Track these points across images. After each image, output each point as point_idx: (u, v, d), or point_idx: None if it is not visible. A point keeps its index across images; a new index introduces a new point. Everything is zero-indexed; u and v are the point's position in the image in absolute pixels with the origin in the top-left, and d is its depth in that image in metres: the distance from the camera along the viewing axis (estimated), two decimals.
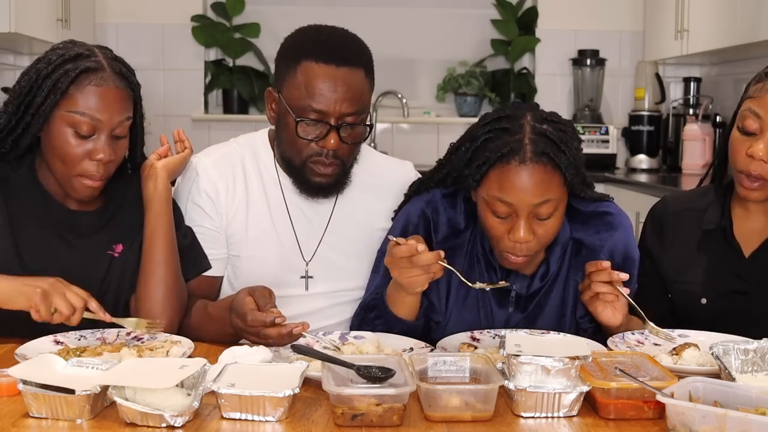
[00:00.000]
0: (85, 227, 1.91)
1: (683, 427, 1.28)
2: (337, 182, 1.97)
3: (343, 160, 1.94)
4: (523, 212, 1.73)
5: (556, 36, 5.17)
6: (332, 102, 1.87)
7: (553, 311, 1.92)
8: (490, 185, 1.75)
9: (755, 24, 3.74)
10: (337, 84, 1.87)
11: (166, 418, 1.33)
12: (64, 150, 1.80)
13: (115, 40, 5.12)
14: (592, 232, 1.91)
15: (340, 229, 2.04)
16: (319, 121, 1.88)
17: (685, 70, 5.15)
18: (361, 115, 1.91)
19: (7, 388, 1.46)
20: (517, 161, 1.71)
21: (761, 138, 1.81)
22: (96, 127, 1.79)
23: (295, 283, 2.03)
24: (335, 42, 1.93)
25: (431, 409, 1.38)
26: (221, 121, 5.19)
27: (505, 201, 1.73)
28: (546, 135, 1.74)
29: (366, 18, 5.12)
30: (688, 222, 1.98)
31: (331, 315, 2.04)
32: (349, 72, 1.88)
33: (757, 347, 1.54)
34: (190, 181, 2.02)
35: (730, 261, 1.92)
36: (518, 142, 1.72)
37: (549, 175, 1.72)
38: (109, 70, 1.82)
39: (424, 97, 5.36)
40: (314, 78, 1.88)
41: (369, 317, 1.89)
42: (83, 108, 1.78)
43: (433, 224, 1.92)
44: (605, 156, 4.95)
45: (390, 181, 2.10)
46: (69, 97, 1.78)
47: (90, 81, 1.79)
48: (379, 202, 2.07)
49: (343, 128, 1.89)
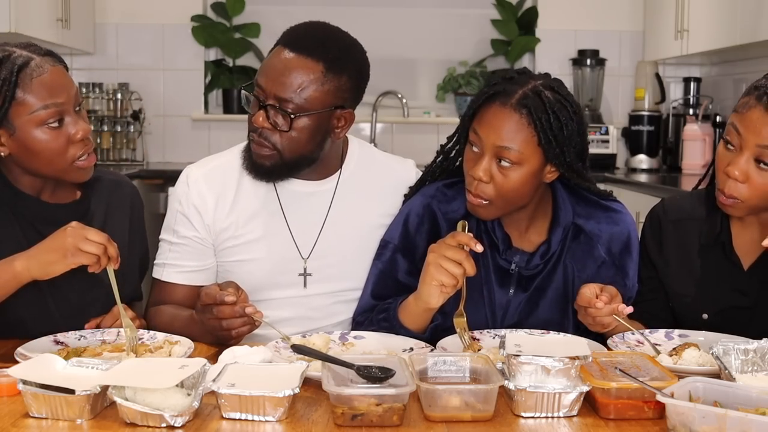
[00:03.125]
0: (62, 220, 1.85)
1: (683, 427, 1.28)
2: (273, 169, 1.93)
3: (277, 147, 1.90)
4: (487, 149, 1.80)
5: (556, 36, 5.17)
6: (269, 80, 1.87)
7: (556, 294, 1.93)
8: (475, 120, 1.83)
9: (755, 24, 3.74)
10: (277, 65, 1.87)
11: (166, 418, 1.33)
12: (47, 149, 1.79)
13: (115, 40, 5.12)
14: (594, 222, 1.94)
15: (338, 226, 2.03)
16: (253, 97, 1.90)
17: (685, 70, 5.15)
18: (294, 104, 1.86)
19: (7, 388, 1.46)
20: (500, 103, 1.80)
21: (739, 156, 1.77)
22: (61, 111, 1.79)
23: (293, 281, 2.02)
24: (308, 32, 1.92)
25: (431, 409, 1.38)
26: (221, 121, 5.19)
27: (477, 134, 1.81)
28: (540, 97, 1.79)
29: (366, 18, 5.12)
30: (686, 232, 1.95)
31: (330, 314, 2.04)
32: (298, 59, 1.86)
33: (757, 347, 1.54)
34: (180, 191, 2.03)
35: (730, 276, 1.89)
36: (510, 90, 1.80)
37: (522, 127, 1.78)
38: (37, 57, 1.80)
39: (424, 97, 5.36)
40: (269, 56, 1.91)
41: (377, 318, 1.89)
42: (41, 102, 1.76)
43: (440, 215, 1.94)
44: (605, 156, 4.94)
45: (391, 180, 2.09)
46: (22, 102, 1.76)
47: (31, 76, 1.76)
48: (379, 200, 2.06)
49: (270, 108, 1.87)
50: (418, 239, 1.95)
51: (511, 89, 1.80)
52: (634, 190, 4.27)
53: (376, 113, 5.18)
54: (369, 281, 1.99)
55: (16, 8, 3.94)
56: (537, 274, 1.93)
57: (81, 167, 1.84)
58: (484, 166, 1.80)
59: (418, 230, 1.95)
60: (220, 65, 5.19)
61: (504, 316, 1.93)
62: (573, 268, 1.93)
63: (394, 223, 2.00)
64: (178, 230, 2.02)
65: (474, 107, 1.84)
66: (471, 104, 1.86)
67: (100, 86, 5.00)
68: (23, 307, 1.81)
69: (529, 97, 1.78)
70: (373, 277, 1.98)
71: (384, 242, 1.99)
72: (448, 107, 5.31)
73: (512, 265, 1.92)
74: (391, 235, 1.98)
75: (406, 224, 1.96)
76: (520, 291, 1.93)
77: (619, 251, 1.94)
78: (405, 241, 1.96)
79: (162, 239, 2.06)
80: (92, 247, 1.69)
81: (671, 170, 4.94)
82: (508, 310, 1.92)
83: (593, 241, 1.93)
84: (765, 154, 1.74)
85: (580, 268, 1.93)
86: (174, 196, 2.05)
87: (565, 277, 1.93)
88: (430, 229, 1.94)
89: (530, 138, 1.78)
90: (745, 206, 1.80)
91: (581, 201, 1.96)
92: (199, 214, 2.00)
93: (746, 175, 1.76)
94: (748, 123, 1.75)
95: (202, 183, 2.01)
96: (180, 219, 2.02)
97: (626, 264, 1.94)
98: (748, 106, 1.77)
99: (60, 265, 1.70)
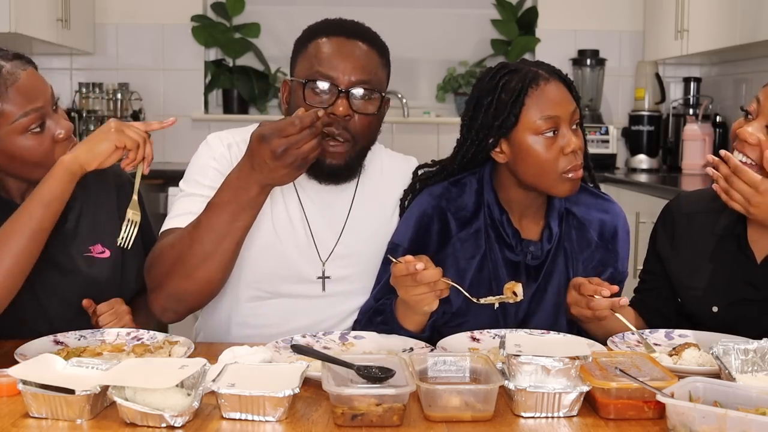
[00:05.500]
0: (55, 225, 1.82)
1: (683, 427, 1.28)
2: (348, 166, 1.89)
3: (356, 137, 1.86)
4: (564, 122, 1.86)
5: (556, 36, 5.17)
6: (342, 68, 1.83)
7: (561, 278, 1.95)
8: (530, 113, 1.86)
9: (755, 24, 3.74)
10: (346, 52, 1.84)
11: (166, 418, 1.32)
12: (33, 155, 1.77)
13: (115, 40, 5.12)
14: (584, 208, 1.99)
15: (357, 228, 1.99)
16: (328, 87, 1.82)
17: (685, 70, 5.15)
18: (373, 87, 1.86)
19: (7, 388, 1.46)
20: (543, 81, 1.87)
21: (754, 122, 1.82)
22: (42, 115, 1.77)
23: (311, 283, 1.97)
24: (349, 22, 1.93)
25: (431, 409, 1.38)
26: (221, 121, 5.18)
27: (550, 116, 1.85)
28: (545, 65, 1.94)
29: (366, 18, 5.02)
30: (700, 225, 1.96)
31: (349, 320, 1.99)
32: (360, 44, 1.86)
33: (757, 347, 1.54)
34: (216, 149, 1.92)
35: (742, 269, 1.89)
36: (531, 72, 1.89)
37: (566, 87, 1.90)
38: (6, 63, 1.76)
39: (424, 97, 5.36)
40: (324, 47, 1.85)
41: (375, 320, 1.89)
42: (21, 109, 1.74)
43: (450, 214, 1.94)
44: (605, 156, 4.94)
45: (399, 177, 2.07)
46: (1, 114, 1.73)
47: (6, 84, 1.73)
48: (390, 197, 2.04)
49: (353, 97, 1.83)
50: (429, 239, 1.94)
51: (530, 72, 1.89)
52: (634, 190, 4.27)
53: None
54: (378, 283, 1.97)
55: (16, 8, 3.94)
56: (544, 262, 1.95)
57: None
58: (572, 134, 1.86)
59: (429, 230, 1.94)
60: (220, 65, 5.19)
61: (517, 308, 1.93)
62: (572, 250, 1.96)
63: (403, 225, 1.98)
64: (209, 183, 1.86)
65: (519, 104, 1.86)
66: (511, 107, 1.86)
67: (100, 86, 5.00)
68: (23, 307, 1.80)
69: (546, 67, 1.93)
70: (383, 279, 1.94)
71: (393, 245, 1.96)
72: (448, 107, 5.31)
73: (528, 256, 1.94)
74: (400, 237, 1.96)
75: (417, 225, 1.94)
76: (531, 281, 1.94)
77: (610, 236, 1.98)
78: (416, 243, 1.93)
79: (184, 191, 1.92)
80: (135, 134, 1.74)
81: (671, 170, 4.94)
82: (521, 302, 1.92)
83: (585, 226, 1.98)
84: None
85: (577, 250, 1.97)
86: (206, 151, 1.93)
87: (566, 260, 1.96)
88: (441, 229, 1.94)
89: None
90: (755, 171, 1.79)
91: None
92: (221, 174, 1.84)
93: (758, 139, 1.80)
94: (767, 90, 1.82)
95: (236, 150, 1.90)
96: (213, 174, 1.88)
97: (617, 247, 1.98)
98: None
99: (106, 144, 1.73)
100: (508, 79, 1.88)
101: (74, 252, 1.90)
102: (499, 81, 1.88)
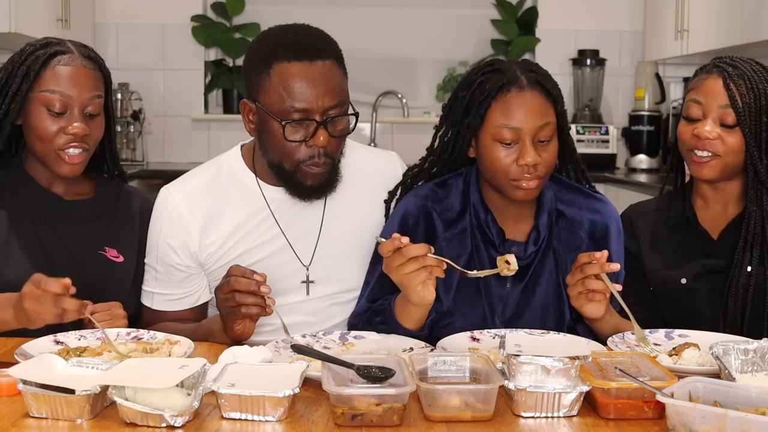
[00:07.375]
0: (75, 215, 1.98)
1: (683, 427, 1.28)
2: (328, 181, 1.93)
3: (333, 157, 1.90)
4: (528, 135, 1.84)
5: (556, 36, 5.17)
6: (314, 98, 1.83)
7: (550, 279, 1.95)
8: (494, 117, 1.86)
9: (755, 24, 3.74)
10: (314, 79, 1.83)
11: (166, 418, 1.33)
12: (41, 128, 1.89)
13: (115, 40, 5.12)
14: (575, 208, 1.99)
15: (334, 229, 2.01)
16: (304, 120, 1.84)
17: (685, 70, 5.14)
18: (343, 106, 1.88)
19: (7, 388, 1.46)
20: (516, 89, 1.86)
21: (705, 122, 1.94)
22: (67, 104, 1.90)
23: (296, 289, 1.99)
24: (302, 38, 1.89)
25: (431, 409, 1.38)
26: (221, 121, 5.19)
27: (512, 127, 1.84)
28: (534, 71, 1.90)
29: (366, 18, 5.11)
30: (653, 222, 2.09)
31: (330, 316, 2.02)
32: (323, 65, 1.85)
33: (757, 347, 1.54)
34: (161, 219, 1.98)
35: (701, 245, 2.02)
36: (513, 75, 1.87)
37: (545, 100, 1.87)
38: (77, 53, 1.94)
39: (424, 97, 5.36)
40: (290, 77, 1.83)
41: (374, 321, 1.89)
42: (53, 86, 1.89)
43: (436, 214, 1.95)
44: (605, 156, 4.95)
45: (377, 174, 2.08)
46: (41, 78, 1.90)
47: (59, 62, 1.91)
48: (369, 195, 2.05)
49: (330, 123, 1.85)
50: (415, 239, 1.94)
51: (511, 75, 1.87)
52: (634, 190, 4.27)
53: (376, 113, 5.18)
54: (367, 284, 1.98)
55: (16, 8, 3.94)
56: (531, 263, 1.94)
57: (64, 159, 1.90)
58: (532, 150, 1.84)
59: (414, 231, 1.94)
60: (220, 65, 5.19)
61: (504, 308, 1.93)
62: (561, 251, 1.96)
63: (389, 226, 1.98)
64: (163, 258, 1.98)
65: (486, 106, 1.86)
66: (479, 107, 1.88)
67: None
68: None
69: (530, 75, 1.89)
70: (373, 280, 1.96)
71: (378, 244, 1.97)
72: None
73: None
74: (386, 236, 1.96)
75: (402, 226, 1.95)
76: (517, 281, 1.94)
77: (602, 236, 1.98)
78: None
79: (147, 264, 2.02)
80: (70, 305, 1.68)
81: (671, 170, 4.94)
82: (508, 302, 1.93)
83: (575, 227, 1.97)
84: (727, 114, 1.93)
85: (566, 251, 1.96)
86: (155, 219, 1.99)
87: (556, 260, 1.96)
88: (426, 230, 1.95)
89: (553, 108, 1.89)
90: (720, 164, 1.95)
91: (563, 188, 2.00)
92: (185, 244, 1.95)
93: (717, 133, 1.93)
94: (707, 90, 1.96)
95: (183, 208, 1.96)
96: (163, 247, 1.97)
97: (608, 246, 1.96)
98: (701, 80, 2.00)
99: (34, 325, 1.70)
100: (487, 78, 1.89)
101: (87, 245, 1.97)
102: (479, 77, 1.90)
